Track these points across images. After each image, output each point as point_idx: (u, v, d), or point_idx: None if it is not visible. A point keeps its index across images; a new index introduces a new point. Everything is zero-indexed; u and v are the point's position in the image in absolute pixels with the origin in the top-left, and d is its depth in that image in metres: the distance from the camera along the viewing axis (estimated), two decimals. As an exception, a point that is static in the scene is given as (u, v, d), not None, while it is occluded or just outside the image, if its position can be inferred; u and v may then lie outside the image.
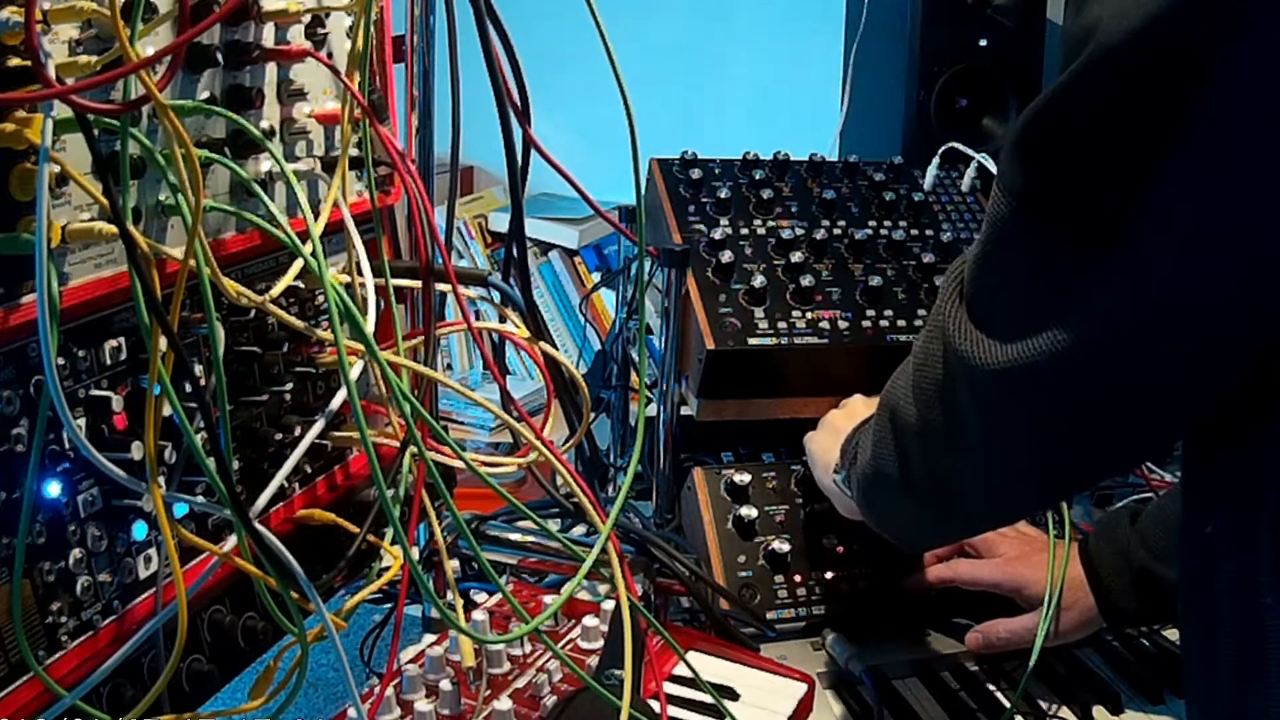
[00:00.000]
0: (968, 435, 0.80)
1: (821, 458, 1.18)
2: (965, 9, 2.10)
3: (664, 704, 0.96)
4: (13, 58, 0.65)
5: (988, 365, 0.74)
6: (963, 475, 0.85)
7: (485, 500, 1.29)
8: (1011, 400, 0.75)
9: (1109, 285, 0.68)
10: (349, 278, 0.89)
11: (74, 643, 0.75)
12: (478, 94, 1.02)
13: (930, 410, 0.83)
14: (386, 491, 0.78)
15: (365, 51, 0.89)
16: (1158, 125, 0.64)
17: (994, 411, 0.77)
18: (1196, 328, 0.69)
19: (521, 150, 1.04)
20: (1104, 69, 0.65)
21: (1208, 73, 0.61)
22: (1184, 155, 0.64)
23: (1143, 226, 0.66)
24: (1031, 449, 0.79)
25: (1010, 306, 0.74)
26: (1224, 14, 0.61)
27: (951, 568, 1.23)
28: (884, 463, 0.92)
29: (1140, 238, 0.66)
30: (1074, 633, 1.16)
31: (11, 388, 0.71)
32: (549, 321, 2.70)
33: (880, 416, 0.93)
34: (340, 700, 1.13)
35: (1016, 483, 0.84)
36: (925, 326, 0.85)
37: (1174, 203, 0.65)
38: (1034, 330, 0.71)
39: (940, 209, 1.50)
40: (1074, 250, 0.69)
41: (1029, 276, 0.73)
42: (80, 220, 0.72)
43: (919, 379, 0.84)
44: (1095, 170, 0.67)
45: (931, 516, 0.94)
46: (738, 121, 2.74)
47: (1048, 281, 0.71)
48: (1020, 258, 0.73)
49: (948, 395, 0.80)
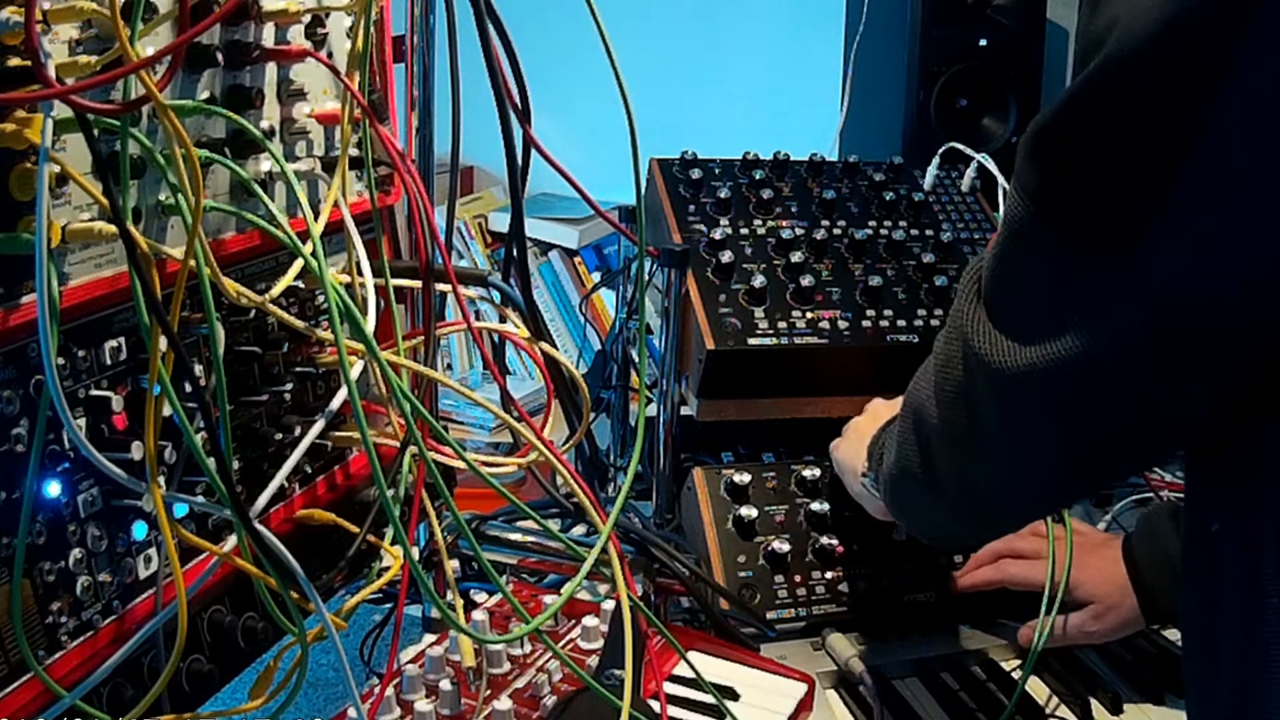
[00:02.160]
0: (989, 435, 0.80)
1: (849, 464, 1.18)
2: (965, 9, 2.10)
3: (664, 704, 0.96)
4: (13, 58, 0.65)
5: (1008, 366, 0.74)
6: (986, 475, 0.85)
7: (485, 500, 1.29)
8: (1033, 401, 0.75)
9: (1127, 286, 0.68)
10: (349, 278, 0.89)
11: (74, 643, 0.75)
12: (478, 94, 1.02)
13: (952, 411, 0.83)
14: (387, 491, 0.78)
15: (365, 51, 0.89)
16: (1175, 128, 0.64)
17: (1015, 412, 0.77)
18: (1213, 328, 0.68)
19: (521, 150, 1.04)
20: (1119, 72, 0.65)
21: (1224, 74, 0.61)
22: (1201, 158, 0.64)
23: (1160, 228, 0.66)
24: (1053, 448, 0.79)
25: (1029, 307, 0.74)
26: (1239, 14, 0.60)
27: (1000, 569, 1.23)
28: (909, 463, 0.92)
29: (1157, 239, 0.66)
30: (1116, 633, 1.17)
31: (11, 388, 0.71)
32: (549, 321, 2.70)
33: (904, 418, 0.93)
34: (340, 700, 1.13)
35: (1039, 482, 0.84)
36: (945, 327, 0.85)
37: (1191, 205, 0.65)
38: (1054, 331, 0.71)
39: (940, 209, 1.50)
40: (1092, 251, 0.69)
41: (1047, 277, 0.73)
42: (80, 220, 0.72)
43: (940, 380, 0.84)
44: (1112, 172, 0.67)
45: (957, 515, 0.95)
46: (738, 121, 2.74)
47: (1066, 282, 0.71)
48: (1038, 258, 0.73)
49: (969, 396, 0.80)
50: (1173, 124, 0.64)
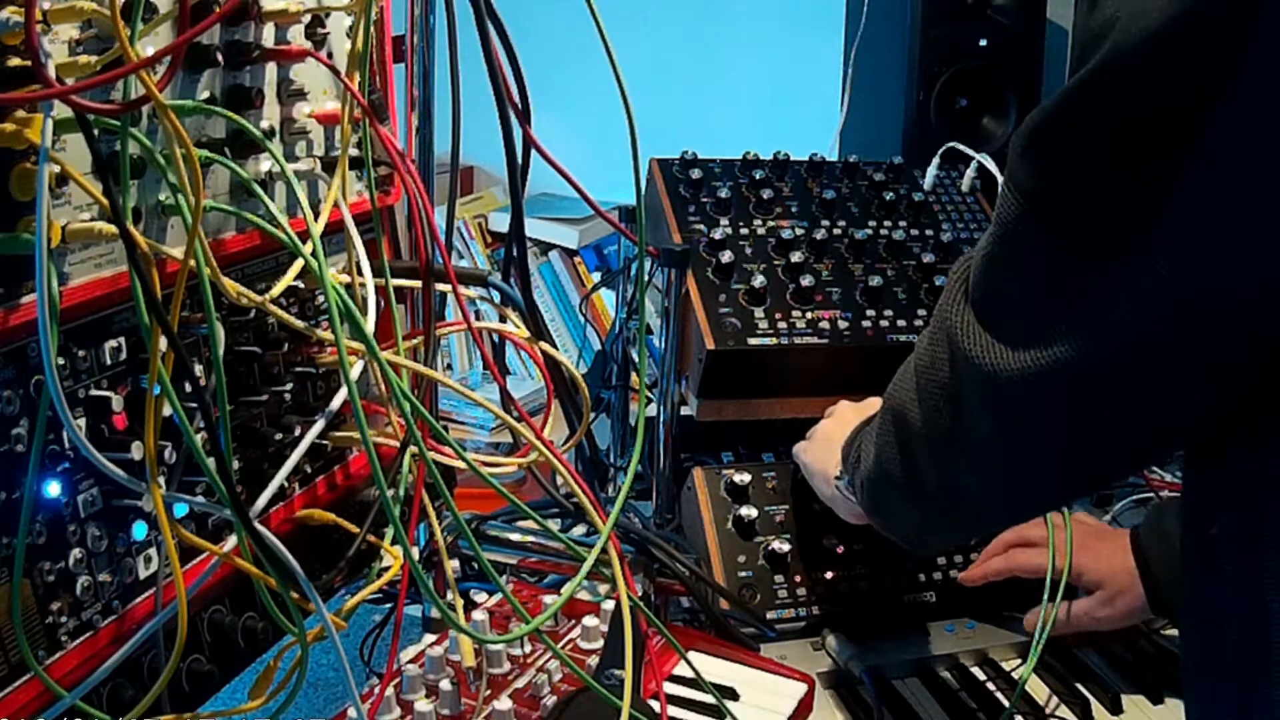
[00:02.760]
0: (978, 438, 0.79)
1: (819, 467, 1.17)
2: (965, 9, 2.10)
3: (664, 704, 0.96)
4: (13, 58, 0.65)
5: (999, 369, 0.73)
6: (973, 477, 0.84)
7: (485, 500, 1.29)
8: (1026, 405, 0.74)
9: (1124, 288, 0.67)
10: (349, 278, 0.89)
11: (74, 643, 0.75)
12: (478, 94, 1.02)
13: (937, 414, 0.82)
14: (387, 491, 0.78)
15: (365, 51, 0.89)
16: (1177, 126, 0.63)
17: (1007, 414, 0.76)
18: (1214, 328, 0.68)
19: (521, 150, 1.04)
20: (1120, 70, 0.64)
21: (1232, 74, 0.61)
22: (1205, 157, 0.63)
23: (1161, 228, 0.65)
24: (1046, 451, 0.78)
25: (1021, 309, 0.73)
26: (1248, 12, 0.60)
27: (1009, 559, 1.23)
28: (889, 465, 0.91)
29: (1158, 239, 0.65)
30: (1124, 620, 1.18)
31: (11, 388, 0.71)
32: (549, 321, 2.70)
33: (883, 420, 0.92)
34: (340, 700, 1.13)
35: (1030, 483, 0.83)
36: (928, 329, 0.84)
37: (1193, 205, 0.64)
38: (1048, 333, 0.70)
39: (940, 209, 1.50)
40: (1088, 251, 0.68)
41: (1040, 277, 0.72)
42: (80, 220, 0.72)
43: (924, 382, 0.83)
44: (1110, 171, 0.67)
45: (939, 518, 0.94)
46: (738, 121, 2.73)
47: (1061, 283, 0.70)
48: (1030, 259, 0.73)
49: (955, 398, 0.79)
50: (1175, 122, 0.63)
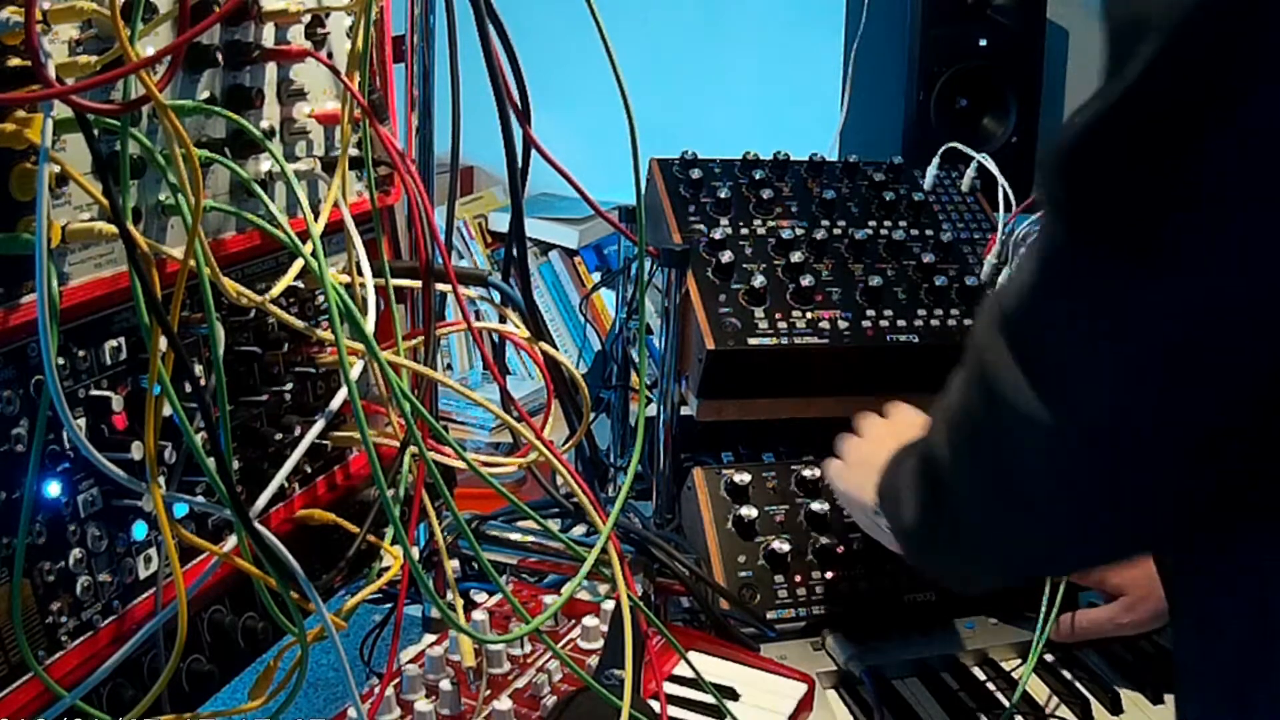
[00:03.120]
0: (1027, 491, 0.73)
1: (856, 497, 1.09)
2: (965, 9, 2.10)
3: (664, 704, 0.96)
4: (13, 58, 0.65)
5: (1047, 419, 0.67)
6: (1024, 532, 0.77)
7: (485, 500, 1.29)
8: (1077, 449, 0.68)
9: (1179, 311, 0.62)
10: (349, 278, 0.89)
11: (74, 643, 0.75)
12: (478, 94, 1.02)
13: (978, 467, 0.75)
14: (387, 491, 0.78)
15: (365, 51, 0.89)
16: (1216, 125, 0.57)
17: (1056, 462, 0.70)
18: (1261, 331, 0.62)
19: (521, 150, 1.04)
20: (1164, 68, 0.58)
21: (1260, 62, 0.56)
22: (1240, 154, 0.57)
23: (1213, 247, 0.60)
24: (1103, 503, 0.71)
25: (1069, 348, 0.66)
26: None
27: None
28: (931, 517, 0.84)
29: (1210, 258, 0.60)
30: (1148, 624, 1.18)
31: (11, 388, 0.71)
32: (549, 321, 2.70)
33: (921, 471, 0.84)
34: (340, 700, 1.13)
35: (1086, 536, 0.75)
36: (960, 374, 0.76)
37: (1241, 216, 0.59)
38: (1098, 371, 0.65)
39: (940, 209, 1.50)
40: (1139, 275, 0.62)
41: (1088, 309, 0.65)
42: (80, 220, 0.72)
43: (962, 434, 0.76)
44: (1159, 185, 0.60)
45: (989, 569, 0.88)
46: (738, 121, 2.74)
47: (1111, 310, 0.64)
48: (1082, 290, 0.65)
49: (1002, 450, 0.73)
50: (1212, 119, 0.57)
